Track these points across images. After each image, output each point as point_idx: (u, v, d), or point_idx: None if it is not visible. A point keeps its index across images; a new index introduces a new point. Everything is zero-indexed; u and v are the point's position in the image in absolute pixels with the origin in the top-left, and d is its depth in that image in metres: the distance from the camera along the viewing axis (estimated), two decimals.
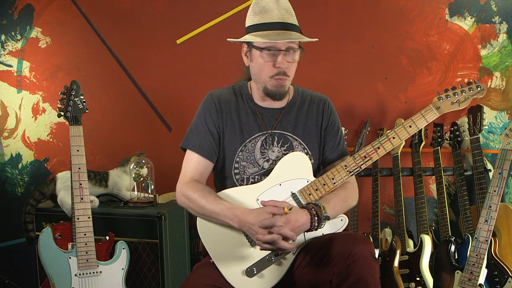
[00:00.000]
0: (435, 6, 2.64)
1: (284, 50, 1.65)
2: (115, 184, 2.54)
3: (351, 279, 1.44)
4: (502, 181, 2.04)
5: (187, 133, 1.79)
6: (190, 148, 1.76)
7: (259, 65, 1.69)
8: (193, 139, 1.76)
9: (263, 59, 1.66)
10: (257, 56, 1.68)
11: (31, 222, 2.47)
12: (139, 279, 2.37)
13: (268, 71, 1.68)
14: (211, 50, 2.84)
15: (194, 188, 1.68)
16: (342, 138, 1.86)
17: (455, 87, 1.71)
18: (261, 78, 1.71)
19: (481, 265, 2.05)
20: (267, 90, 1.72)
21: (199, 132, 1.75)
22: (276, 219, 1.54)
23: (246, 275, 1.59)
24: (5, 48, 3.09)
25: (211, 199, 1.64)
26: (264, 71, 1.68)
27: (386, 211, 2.78)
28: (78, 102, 2.20)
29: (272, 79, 1.68)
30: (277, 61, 1.65)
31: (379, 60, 2.72)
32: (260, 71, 1.70)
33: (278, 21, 1.64)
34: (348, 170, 1.68)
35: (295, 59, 1.69)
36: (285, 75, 1.68)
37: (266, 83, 1.71)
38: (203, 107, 1.79)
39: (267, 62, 1.66)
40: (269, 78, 1.69)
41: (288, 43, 1.64)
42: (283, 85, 1.70)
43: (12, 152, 3.13)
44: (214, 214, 1.63)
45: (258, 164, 1.75)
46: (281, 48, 1.64)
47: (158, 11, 2.91)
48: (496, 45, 2.59)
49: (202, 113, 1.78)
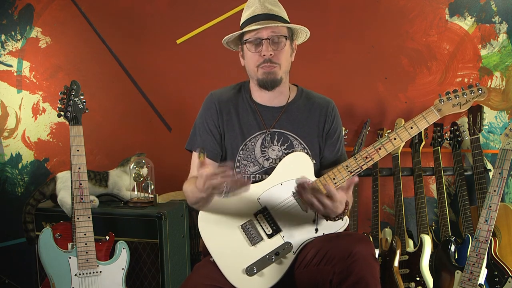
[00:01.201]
0: (435, 6, 2.64)
1: (267, 39, 1.68)
2: (115, 184, 2.54)
3: (352, 279, 1.45)
4: (502, 181, 2.04)
5: (190, 135, 1.84)
6: (194, 149, 1.80)
7: (248, 58, 1.74)
8: (196, 140, 1.80)
9: (251, 51, 1.71)
10: (246, 51, 1.73)
11: (31, 222, 2.46)
12: (139, 279, 2.37)
13: (255, 61, 1.71)
14: (211, 50, 2.84)
15: (187, 182, 1.74)
16: (342, 143, 1.88)
17: (456, 90, 1.72)
18: (252, 71, 1.75)
19: (481, 265, 2.05)
20: (258, 81, 1.74)
21: (202, 133, 1.80)
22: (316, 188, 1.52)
23: (246, 274, 1.59)
24: (5, 48, 3.09)
25: (193, 183, 1.62)
26: (252, 62, 1.72)
27: (386, 211, 2.78)
28: (78, 102, 2.20)
29: (259, 68, 1.72)
30: (262, 49, 1.69)
31: (379, 60, 2.72)
32: (250, 63, 1.74)
33: (261, 12, 1.70)
34: (350, 170, 1.68)
35: (281, 47, 1.71)
36: (271, 62, 1.70)
37: (256, 74, 1.73)
38: (204, 107, 1.83)
39: (253, 53, 1.71)
40: (256, 68, 1.72)
41: (270, 32, 1.68)
42: (271, 72, 1.72)
43: (12, 152, 3.13)
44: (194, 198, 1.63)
45: (258, 163, 1.76)
46: (263, 37, 1.69)
47: (158, 11, 2.91)
48: (496, 45, 2.59)
49: (203, 113, 1.82)
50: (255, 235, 1.64)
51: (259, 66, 1.71)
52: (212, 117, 1.79)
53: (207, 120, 1.79)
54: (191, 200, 1.69)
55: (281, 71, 1.73)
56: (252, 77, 1.78)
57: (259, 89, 1.78)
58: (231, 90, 1.85)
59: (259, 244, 1.63)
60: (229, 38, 1.78)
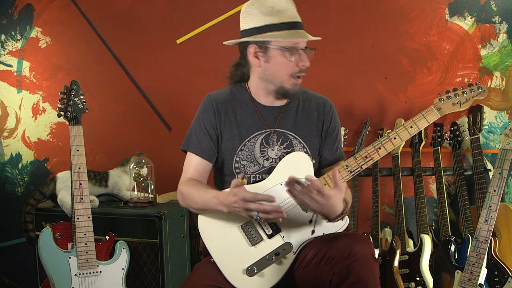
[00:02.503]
0: (435, 6, 2.64)
1: (303, 49, 1.68)
2: (115, 184, 2.54)
3: (351, 279, 1.45)
4: (502, 181, 2.04)
5: (186, 136, 1.82)
6: (190, 149, 1.79)
7: (279, 64, 1.69)
8: (192, 141, 1.79)
9: (286, 58, 1.67)
10: (277, 56, 1.68)
11: (31, 222, 2.47)
12: (139, 279, 2.37)
13: (289, 70, 1.69)
14: (211, 50, 2.84)
15: (188, 184, 1.72)
16: (340, 142, 1.89)
17: (456, 88, 1.72)
18: (279, 77, 1.71)
19: (481, 265, 2.05)
20: (283, 89, 1.73)
21: (198, 134, 1.78)
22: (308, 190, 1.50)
23: (247, 274, 1.58)
24: (5, 48, 3.09)
25: (202, 191, 1.67)
26: (285, 70, 1.69)
27: (386, 211, 2.78)
28: (78, 102, 2.20)
29: (292, 77, 1.71)
30: (301, 59, 1.68)
31: (379, 60, 2.72)
32: (280, 70, 1.70)
33: (295, 20, 1.68)
34: (349, 170, 1.68)
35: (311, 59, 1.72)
36: (305, 73, 1.72)
37: (283, 82, 1.72)
38: (201, 109, 1.82)
39: (290, 61, 1.68)
40: (289, 76, 1.71)
41: (306, 43, 1.69)
42: (299, 84, 1.75)
43: (12, 152, 3.13)
44: (205, 205, 1.65)
45: (258, 163, 1.75)
46: (302, 47, 1.68)
47: (158, 11, 2.91)
48: (496, 45, 2.59)
49: (201, 115, 1.80)
50: (255, 235, 1.64)
51: (293, 75, 1.70)
52: (210, 118, 1.78)
53: (204, 121, 1.78)
54: (197, 206, 1.68)
55: None
56: (272, 82, 1.74)
57: (267, 93, 1.77)
58: (228, 91, 1.84)
59: (259, 244, 1.63)
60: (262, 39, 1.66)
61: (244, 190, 1.52)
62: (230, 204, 1.55)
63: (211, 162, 1.78)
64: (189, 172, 1.77)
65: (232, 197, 1.53)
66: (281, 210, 1.52)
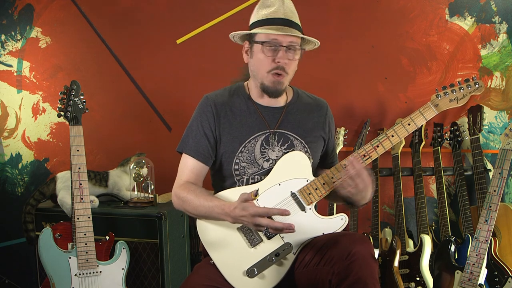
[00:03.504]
0: (435, 6, 2.64)
1: (285, 46, 1.65)
2: (115, 184, 2.54)
3: (350, 279, 1.45)
4: (502, 181, 2.04)
5: (183, 137, 1.79)
6: (186, 152, 1.76)
7: (259, 60, 1.69)
8: (189, 143, 1.76)
9: (264, 53, 1.67)
10: (258, 51, 1.68)
11: (31, 222, 2.47)
12: (139, 279, 2.37)
13: (267, 66, 1.68)
14: (211, 50, 2.84)
15: (187, 189, 1.69)
16: (335, 144, 1.94)
17: (453, 84, 1.71)
18: (259, 74, 1.71)
19: (481, 265, 2.05)
20: (263, 86, 1.72)
21: (195, 136, 1.75)
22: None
23: (247, 275, 1.58)
24: (5, 48, 3.09)
25: (203, 198, 1.64)
26: (263, 65, 1.68)
27: (386, 211, 2.78)
28: (78, 102, 2.20)
29: (270, 74, 1.68)
30: (277, 56, 1.65)
31: (379, 60, 2.72)
32: (259, 66, 1.70)
33: (282, 17, 1.66)
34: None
35: (295, 58, 1.70)
36: (284, 71, 1.68)
37: (263, 79, 1.70)
38: (199, 110, 1.78)
39: (267, 57, 1.67)
40: (266, 73, 1.69)
41: (289, 40, 1.65)
42: (280, 82, 1.70)
43: (12, 152, 3.13)
44: (207, 213, 1.64)
45: (258, 164, 1.74)
46: (282, 44, 1.65)
47: (158, 11, 2.91)
48: (496, 45, 2.59)
49: (198, 116, 1.77)
50: (255, 236, 1.63)
51: (270, 71, 1.68)
52: (208, 121, 1.75)
53: (203, 123, 1.75)
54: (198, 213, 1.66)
55: (287, 80, 1.72)
56: (256, 79, 1.74)
57: (261, 93, 1.77)
58: (226, 92, 1.81)
59: (259, 245, 1.62)
60: (238, 34, 1.74)
61: (254, 206, 1.51)
62: (237, 217, 1.54)
63: (207, 165, 1.76)
64: (184, 175, 1.74)
65: (240, 211, 1.52)
66: (292, 228, 1.50)
